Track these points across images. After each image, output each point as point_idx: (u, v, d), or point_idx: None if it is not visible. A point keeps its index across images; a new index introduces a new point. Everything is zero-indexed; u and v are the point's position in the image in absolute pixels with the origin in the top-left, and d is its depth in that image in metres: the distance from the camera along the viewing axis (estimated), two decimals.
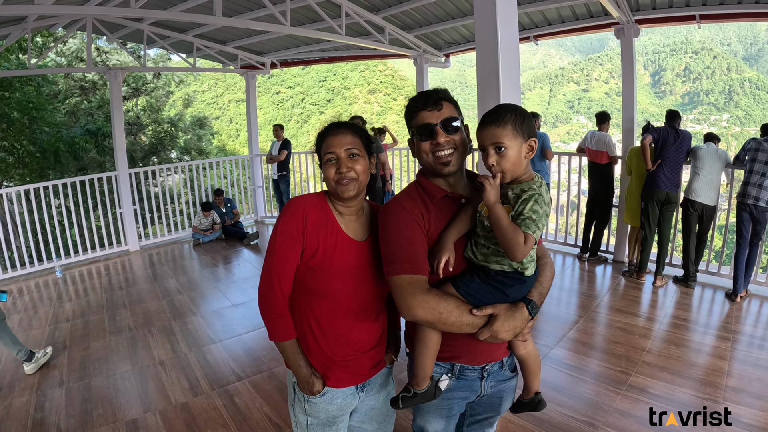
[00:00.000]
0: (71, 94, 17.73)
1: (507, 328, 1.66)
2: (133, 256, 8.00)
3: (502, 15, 2.46)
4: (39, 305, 5.95)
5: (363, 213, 1.93)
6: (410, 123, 1.82)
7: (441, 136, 1.72)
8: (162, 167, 9.54)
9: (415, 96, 1.81)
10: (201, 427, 3.39)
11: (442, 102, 1.75)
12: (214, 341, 4.74)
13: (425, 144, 1.75)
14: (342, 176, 1.75)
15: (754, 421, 3.18)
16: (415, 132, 1.79)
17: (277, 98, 67.48)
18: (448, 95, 1.80)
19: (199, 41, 8.40)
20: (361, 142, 1.82)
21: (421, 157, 1.80)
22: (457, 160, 1.75)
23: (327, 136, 1.82)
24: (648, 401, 3.46)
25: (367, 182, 1.84)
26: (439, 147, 1.72)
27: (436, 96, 1.76)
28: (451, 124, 1.73)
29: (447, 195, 1.79)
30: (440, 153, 1.73)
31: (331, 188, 1.81)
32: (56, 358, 4.50)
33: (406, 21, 7.66)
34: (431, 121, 1.72)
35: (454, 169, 1.76)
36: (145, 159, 17.87)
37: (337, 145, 1.77)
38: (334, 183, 1.77)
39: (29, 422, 3.53)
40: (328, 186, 1.82)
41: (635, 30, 6.23)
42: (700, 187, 5.57)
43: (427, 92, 1.78)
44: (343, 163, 1.76)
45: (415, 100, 1.79)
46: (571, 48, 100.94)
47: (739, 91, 68.78)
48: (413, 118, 1.79)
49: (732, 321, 4.82)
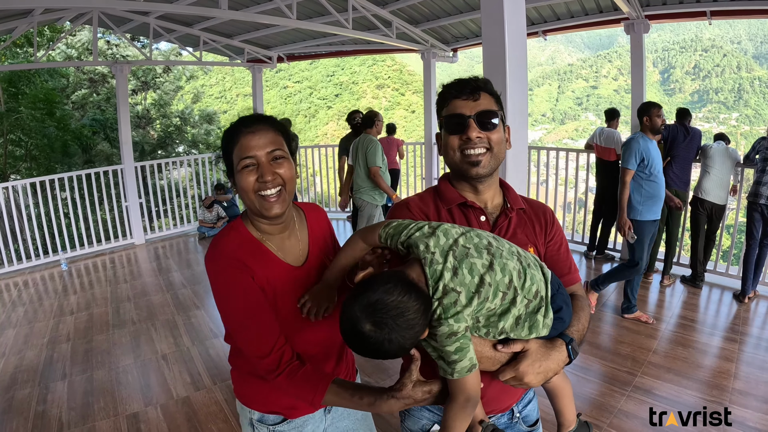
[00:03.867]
0: (80, 86, 17.78)
1: (538, 370, 1.27)
2: (138, 249, 8.01)
3: (510, 9, 2.42)
4: (44, 297, 5.96)
5: (295, 225, 1.61)
6: (440, 113, 1.52)
7: (473, 131, 1.42)
8: (168, 161, 9.52)
9: (451, 82, 1.51)
10: (202, 421, 3.38)
11: (481, 92, 1.46)
12: (217, 335, 4.73)
13: (453, 139, 1.46)
14: (265, 185, 1.39)
15: (760, 425, 3.14)
16: (443, 123, 1.50)
17: (284, 92, 67.46)
18: (489, 86, 1.50)
19: (205, 35, 8.38)
20: (283, 139, 1.47)
21: (447, 154, 1.50)
22: (489, 162, 1.46)
23: (239, 134, 1.43)
24: (653, 403, 3.42)
25: (294, 192, 1.50)
26: (469, 143, 1.43)
27: (474, 84, 1.47)
28: (489, 120, 1.44)
29: (465, 203, 1.51)
30: (470, 151, 1.44)
31: (249, 203, 1.44)
32: (59, 351, 4.50)
33: (414, 15, 7.60)
34: (464, 112, 1.43)
35: (485, 172, 1.46)
36: (153, 153, 17.90)
37: (256, 146, 1.40)
38: (254, 195, 1.41)
39: (31, 414, 3.54)
40: (246, 200, 1.44)
41: (645, 25, 6.16)
42: (710, 186, 5.52)
43: (466, 79, 1.49)
44: (265, 169, 1.40)
45: (449, 87, 1.49)
46: (580, 44, 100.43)
47: (748, 90, 68.27)
48: (445, 106, 1.49)
49: (740, 322, 4.77)
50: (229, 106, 63.38)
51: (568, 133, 72.65)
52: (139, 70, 18.35)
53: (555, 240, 1.58)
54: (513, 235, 1.50)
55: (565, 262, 1.59)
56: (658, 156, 4.62)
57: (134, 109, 18.48)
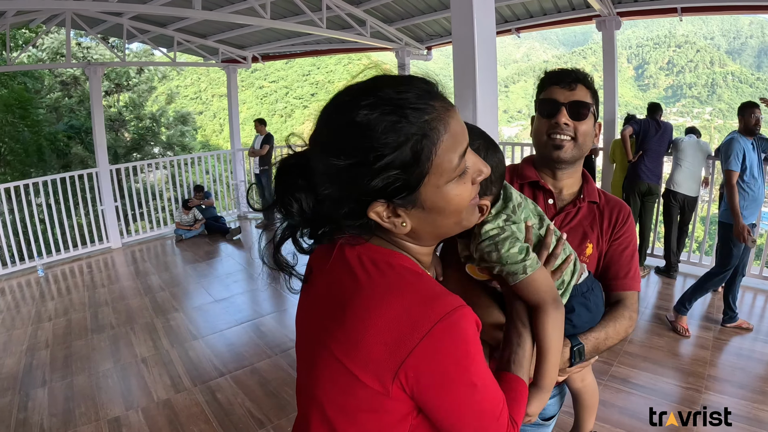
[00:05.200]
0: (53, 89, 17.54)
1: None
2: (115, 253, 7.93)
3: (479, 7, 2.46)
4: (21, 304, 5.89)
5: None
6: (538, 96, 1.60)
7: (563, 117, 1.50)
8: (144, 163, 9.45)
9: (553, 70, 1.58)
10: (183, 423, 3.38)
11: (578, 84, 1.52)
12: (196, 337, 4.72)
13: (543, 122, 1.54)
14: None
15: (736, 410, 3.22)
16: (537, 106, 1.58)
17: (260, 92, 67.00)
18: (587, 80, 1.56)
19: (179, 35, 8.32)
20: None
21: (536, 136, 1.59)
22: (572, 150, 1.52)
23: (449, 119, 0.89)
24: (630, 391, 3.50)
25: None
26: (557, 128, 1.51)
27: (574, 75, 1.53)
28: (580, 110, 1.51)
29: (537, 183, 1.59)
30: (556, 135, 1.51)
31: (455, 222, 0.98)
32: (39, 358, 4.46)
33: (388, 14, 7.64)
34: (558, 98, 1.51)
35: (566, 157, 1.53)
36: (128, 155, 17.71)
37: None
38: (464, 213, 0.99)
39: (12, 422, 3.50)
40: (443, 222, 0.96)
41: (617, 22, 6.26)
42: (682, 179, 5.62)
43: (567, 70, 1.56)
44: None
45: (550, 74, 1.57)
46: (555, 41, 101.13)
47: (722, 85, 69.31)
48: (542, 91, 1.58)
49: (714, 311, 4.87)
50: (205, 107, 62.87)
51: None
52: (112, 72, 18.14)
53: (621, 240, 1.57)
54: (576, 225, 1.56)
55: (626, 265, 1.56)
56: (756, 157, 4.44)
57: (107, 111, 18.25)
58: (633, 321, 1.47)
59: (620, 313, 1.46)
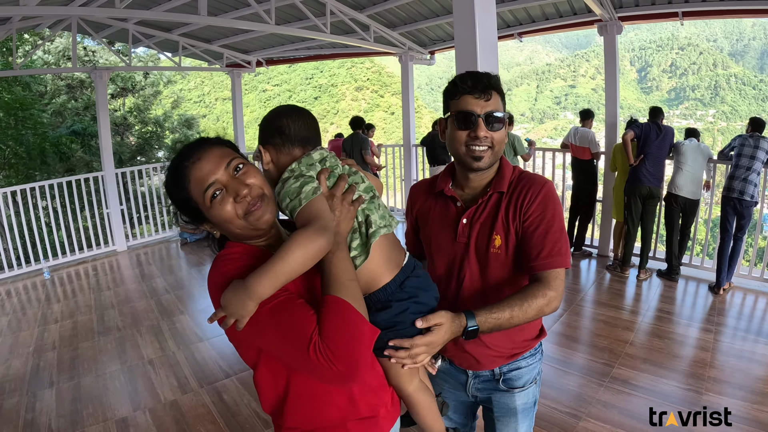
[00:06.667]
0: (58, 93, 17.58)
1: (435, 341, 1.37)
2: (120, 256, 7.98)
3: (481, 12, 2.51)
4: (27, 307, 5.94)
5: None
6: (449, 103, 1.62)
7: (481, 130, 1.54)
8: (149, 167, 9.49)
9: (464, 75, 1.59)
10: (190, 423, 3.42)
11: (492, 92, 1.55)
12: (201, 339, 4.76)
13: (461, 134, 1.57)
14: (244, 202, 1.22)
15: (735, 410, 3.23)
16: (453, 116, 1.59)
17: (264, 96, 67.21)
18: (498, 84, 1.59)
19: (184, 40, 8.38)
20: (231, 149, 1.30)
21: (452, 146, 1.61)
22: (490, 158, 1.59)
23: (184, 171, 1.22)
24: (630, 392, 3.52)
25: (273, 194, 1.30)
26: (476, 141, 1.55)
27: (487, 83, 1.55)
28: (496, 120, 1.55)
29: (441, 192, 1.71)
30: (475, 147, 1.56)
31: (239, 230, 1.26)
32: (46, 359, 4.51)
33: (391, 19, 7.68)
34: (475, 110, 1.54)
35: (485, 166, 1.59)
36: (132, 159, 17.75)
37: (210, 171, 1.21)
38: (240, 219, 1.23)
39: (20, 423, 3.54)
40: (233, 230, 1.27)
41: (618, 27, 6.30)
42: (683, 182, 5.65)
43: (479, 76, 1.57)
44: (235, 185, 1.21)
45: (463, 81, 1.57)
46: (557, 44, 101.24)
47: (725, 87, 69.30)
48: (455, 99, 1.58)
49: (715, 313, 4.89)
50: (208, 110, 63.07)
51: (547, 132, 73.27)
52: (117, 75, 18.20)
53: (532, 221, 1.57)
54: (485, 219, 1.64)
55: (539, 244, 1.55)
56: None
57: (113, 115, 18.30)
58: (550, 298, 1.49)
59: (531, 291, 1.50)
